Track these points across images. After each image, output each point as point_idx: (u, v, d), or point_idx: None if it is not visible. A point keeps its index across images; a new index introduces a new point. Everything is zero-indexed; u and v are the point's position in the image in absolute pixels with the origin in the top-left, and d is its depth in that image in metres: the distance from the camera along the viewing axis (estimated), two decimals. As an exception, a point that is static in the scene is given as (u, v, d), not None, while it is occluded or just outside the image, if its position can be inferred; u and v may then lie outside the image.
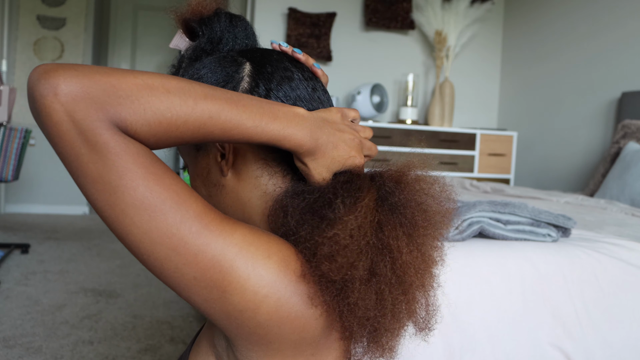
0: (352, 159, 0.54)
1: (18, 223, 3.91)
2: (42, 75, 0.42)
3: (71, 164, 0.43)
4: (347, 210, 0.49)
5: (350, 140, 0.55)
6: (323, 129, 0.53)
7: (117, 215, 0.44)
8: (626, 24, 3.07)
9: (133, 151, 0.44)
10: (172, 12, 0.62)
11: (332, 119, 0.55)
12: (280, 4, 3.63)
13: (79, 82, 0.42)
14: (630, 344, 1.11)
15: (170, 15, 0.62)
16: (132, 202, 0.43)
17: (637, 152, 2.44)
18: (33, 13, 4.26)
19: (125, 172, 0.43)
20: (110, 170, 0.43)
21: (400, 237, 0.51)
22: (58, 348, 1.82)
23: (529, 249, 1.10)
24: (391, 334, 0.52)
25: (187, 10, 0.62)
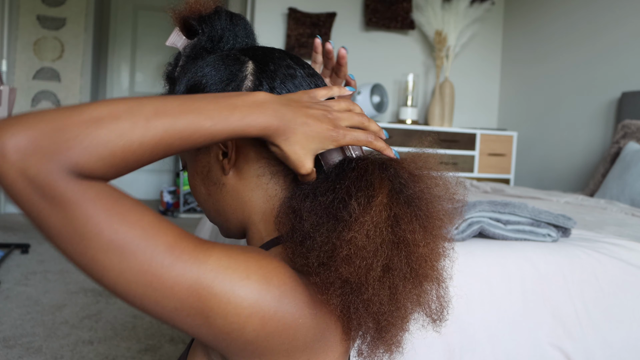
0: (329, 131, 0.52)
1: (18, 223, 3.91)
2: None
3: (34, 220, 0.43)
4: (363, 210, 0.49)
5: (320, 114, 0.53)
6: (288, 107, 0.51)
7: (88, 261, 0.43)
8: (626, 24, 3.07)
9: (92, 196, 0.42)
10: (169, 10, 0.64)
11: (297, 98, 0.54)
12: (280, 4, 3.63)
13: (26, 136, 0.40)
14: (630, 344, 1.11)
15: (168, 13, 0.63)
16: (99, 247, 0.43)
17: (637, 152, 2.44)
18: (33, 13, 4.27)
19: (87, 219, 0.42)
20: (72, 220, 0.42)
21: (417, 230, 0.50)
22: (58, 348, 1.82)
23: (529, 249, 1.10)
24: (400, 328, 0.52)
25: (186, 8, 0.62)
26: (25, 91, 4.27)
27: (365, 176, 0.52)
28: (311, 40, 3.61)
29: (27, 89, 4.28)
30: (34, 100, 4.32)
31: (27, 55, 4.27)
